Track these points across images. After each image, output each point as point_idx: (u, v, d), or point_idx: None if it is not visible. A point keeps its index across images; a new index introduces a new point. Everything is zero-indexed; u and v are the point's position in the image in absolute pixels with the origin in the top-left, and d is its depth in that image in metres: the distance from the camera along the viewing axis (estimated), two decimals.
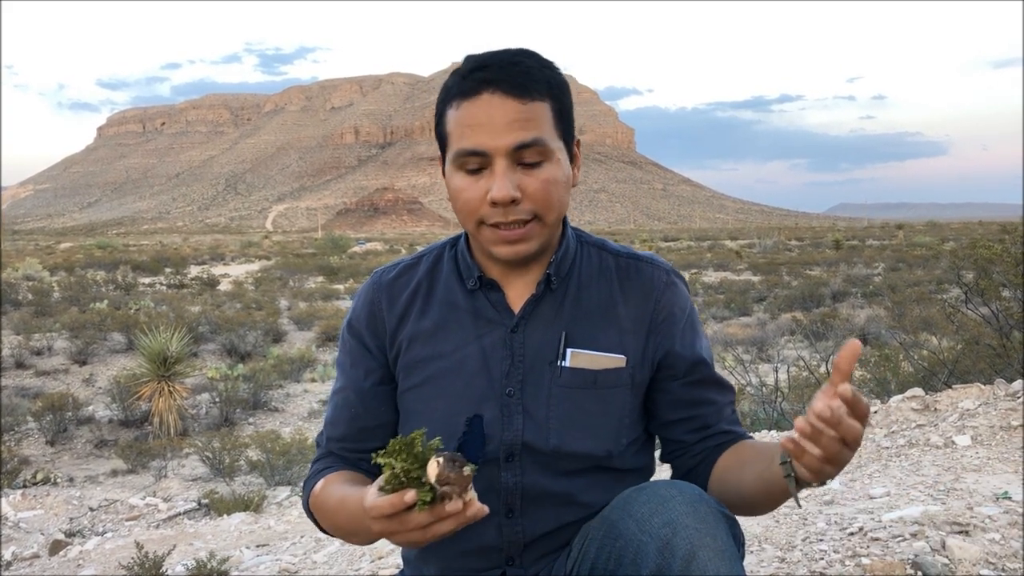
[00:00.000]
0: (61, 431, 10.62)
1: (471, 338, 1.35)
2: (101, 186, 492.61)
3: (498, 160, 1.24)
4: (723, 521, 1.13)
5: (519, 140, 1.23)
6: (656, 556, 1.08)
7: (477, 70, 1.26)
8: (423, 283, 1.41)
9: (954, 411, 4.19)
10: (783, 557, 2.54)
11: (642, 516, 1.12)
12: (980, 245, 6.04)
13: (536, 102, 1.25)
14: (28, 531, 6.22)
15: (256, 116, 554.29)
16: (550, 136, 1.27)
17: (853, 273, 27.13)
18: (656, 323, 1.36)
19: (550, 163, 1.27)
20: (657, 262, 1.41)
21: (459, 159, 1.26)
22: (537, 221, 1.27)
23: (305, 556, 3.97)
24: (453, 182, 1.29)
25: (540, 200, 1.26)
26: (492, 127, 1.23)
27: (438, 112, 1.33)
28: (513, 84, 1.24)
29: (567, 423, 1.31)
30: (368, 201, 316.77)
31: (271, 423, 11.57)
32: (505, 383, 1.32)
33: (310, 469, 1.44)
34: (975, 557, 2.36)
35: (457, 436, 1.31)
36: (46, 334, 15.55)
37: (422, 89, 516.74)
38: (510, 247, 1.27)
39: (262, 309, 20.30)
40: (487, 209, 1.25)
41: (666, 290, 1.38)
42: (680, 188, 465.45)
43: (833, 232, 76.65)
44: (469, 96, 1.26)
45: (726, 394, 1.43)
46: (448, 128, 1.29)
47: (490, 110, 1.24)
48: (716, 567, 1.06)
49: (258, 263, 43.68)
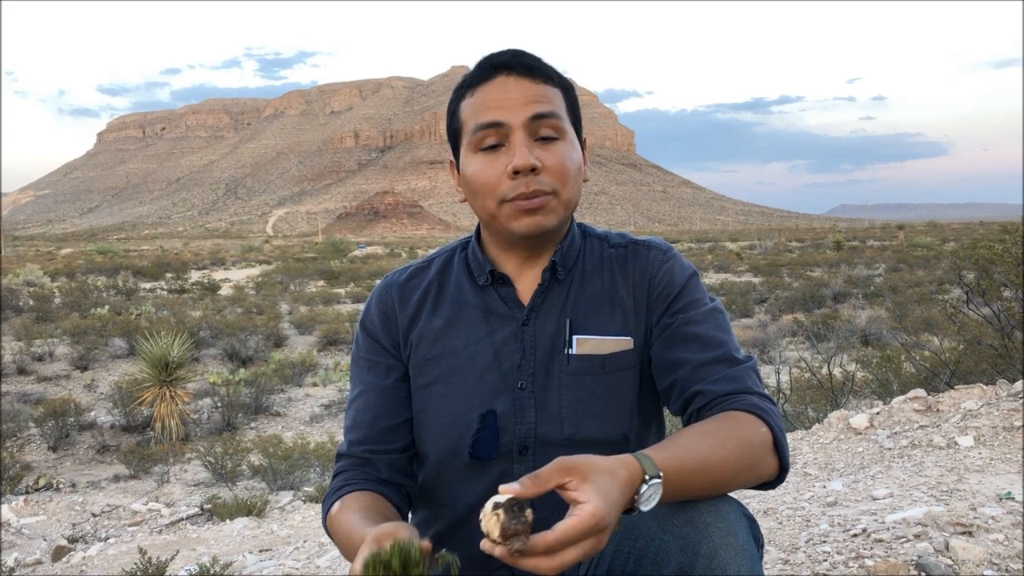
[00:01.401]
0: (63, 437, 10.63)
1: (482, 334, 1.36)
2: (101, 191, 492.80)
3: (516, 132, 1.26)
4: (744, 520, 1.13)
5: (536, 111, 1.27)
6: (678, 555, 1.07)
7: (488, 60, 1.32)
8: (434, 283, 1.43)
9: (956, 412, 4.19)
10: (787, 559, 2.54)
11: (663, 515, 1.11)
12: (981, 245, 6.04)
13: (549, 85, 1.31)
14: (31, 537, 6.22)
15: (256, 121, 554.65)
16: (563, 117, 1.31)
17: (854, 274, 27.14)
18: (652, 298, 1.36)
19: (565, 141, 1.30)
20: (654, 243, 1.42)
21: (476, 134, 1.28)
22: (555, 196, 1.29)
23: (308, 561, 3.97)
24: (470, 167, 1.30)
25: (558, 174, 1.28)
26: (509, 102, 1.27)
27: (451, 110, 1.35)
28: (527, 67, 1.30)
29: (579, 411, 1.31)
30: (368, 205, 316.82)
31: (273, 428, 11.57)
32: (517, 376, 1.33)
33: (331, 483, 1.41)
34: (978, 558, 2.36)
35: (471, 433, 1.31)
36: (47, 340, 15.57)
37: (421, 93, 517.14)
38: (530, 217, 1.28)
39: (263, 314, 20.30)
40: (507, 185, 1.27)
41: (662, 267, 1.38)
42: (680, 190, 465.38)
43: (834, 233, 76.63)
44: (484, 81, 1.30)
45: (709, 350, 1.28)
46: (463, 116, 1.32)
47: (506, 89, 1.28)
48: (737, 566, 1.05)
49: (259, 267, 43.69)
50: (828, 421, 4.56)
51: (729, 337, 1.33)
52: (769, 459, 1.20)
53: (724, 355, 1.29)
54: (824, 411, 6.03)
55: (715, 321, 1.33)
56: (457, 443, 1.32)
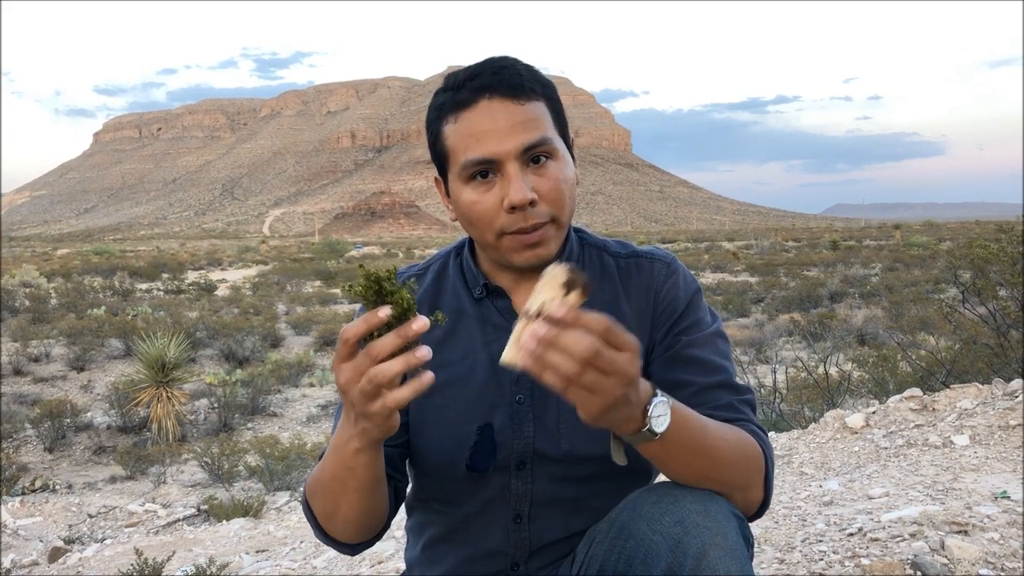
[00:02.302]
0: (59, 438, 10.61)
1: (479, 345, 1.34)
2: (98, 192, 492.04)
3: (509, 164, 1.22)
4: (733, 520, 1.13)
5: (526, 142, 1.22)
6: (668, 555, 1.08)
7: (468, 80, 1.25)
8: (430, 291, 1.40)
9: (952, 411, 4.20)
10: (782, 558, 2.54)
11: (653, 516, 1.12)
12: (977, 245, 6.05)
13: (533, 102, 1.25)
14: (27, 538, 6.21)
15: (252, 121, 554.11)
16: (552, 135, 1.26)
17: (850, 274, 27.17)
18: (657, 315, 1.34)
19: (557, 162, 1.26)
20: (657, 255, 1.39)
21: (468, 170, 1.24)
22: (553, 224, 1.26)
23: (305, 561, 3.97)
24: (463, 197, 1.26)
25: (554, 200, 1.25)
26: (497, 132, 1.22)
27: (432, 132, 1.30)
28: (509, 87, 1.24)
29: (576, 426, 1.28)
30: (365, 205, 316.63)
31: (270, 428, 11.56)
32: (515, 390, 1.31)
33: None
34: (974, 557, 2.37)
35: (468, 445, 1.30)
36: (44, 341, 15.54)
37: (418, 93, 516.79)
38: (531, 251, 1.26)
39: (260, 314, 20.28)
40: (505, 218, 1.24)
41: (666, 282, 1.35)
42: (677, 190, 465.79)
43: (830, 233, 76.73)
44: (466, 106, 1.24)
45: (711, 374, 1.29)
46: (448, 143, 1.27)
47: (492, 115, 1.22)
48: (727, 566, 1.06)
49: (255, 268, 43.63)
50: (824, 420, 4.56)
51: (729, 364, 1.33)
52: (757, 485, 1.21)
53: (725, 381, 1.29)
54: (820, 410, 6.04)
55: (717, 346, 1.33)
56: (454, 455, 1.31)
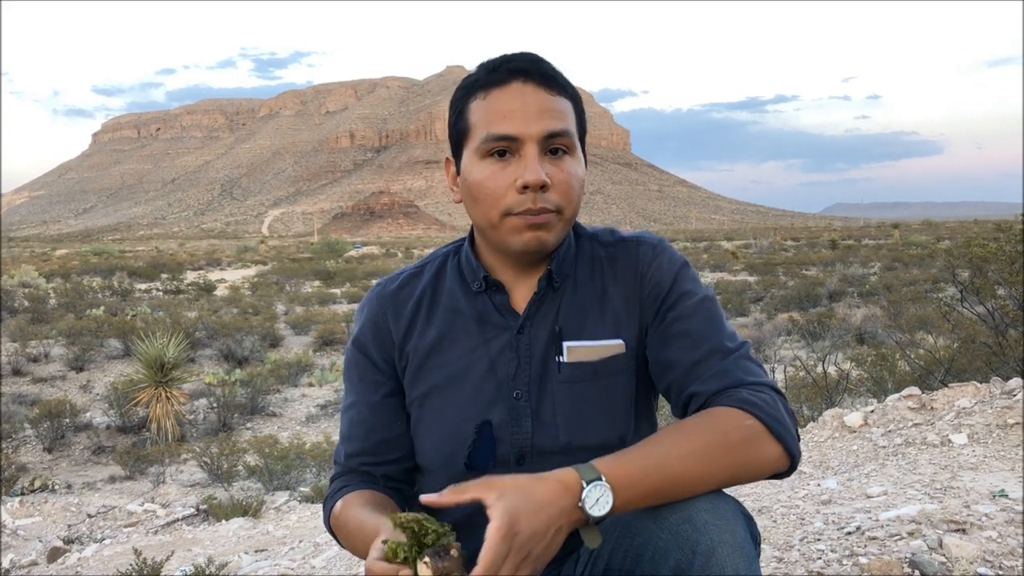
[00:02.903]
0: (59, 438, 10.62)
1: (478, 343, 1.34)
2: (96, 192, 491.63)
3: (529, 145, 1.24)
4: (741, 518, 1.13)
5: (550, 128, 1.25)
6: (676, 553, 1.07)
7: (504, 63, 1.29)
8: (427, 291, 1.41)
9: (951, 410, 4.21)
10: (781, 557, 2.55)
11: (660, 513, 1.11)
12: (975, 244, 6.05)
13: (562, 98, 1.29)
14: (26, 538, 6.21)
15: (251, 121, 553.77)
16: (574, 132, 1.29)
17: (849, 273, 27.17)
18: (644, 296, 1.34)
19: (573, 158, 1.29)
20: (644, 239, 1.39)
21: (487, 144, 1.26)
22: (559, 214, 1.27)
23: (304, 561, 3.97)
24: (476, 172, 1.28)
25: (565, 193, 1.27)
26: (525, 114, 1.25)
27: (457, 107, 1.32)
28: (543, 75, 1.28)
29: (573, 418, 1.30)
30: (364, 205, 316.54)
31: (269, 428, 11.56)
32: (512, 385, 1.32)
33: (329, 487, 1.42)
34: (972, 555, 2.37)
35: (467, 443, 1.31)
36: (43, 341, 15.54)
37: (417, 93, 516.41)
38: (533, 232, 1.26)
39: (259, 314, 20.27)
40: (513, 198, 1.25)
41: (652, 262, 1.35)
42: (676, 189, 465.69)
43: (829, 232, 76.79)
44: (499, 85, 1.27)
45: (699, 346, 1.27)
46: (472, 118, 1.29)
47: (522, 98, 1.25)
48: (735, 564, 1.05)
49: (254, 268, 43.61)
50: (823, 419, 4.57)
51: (719, 327, 1.30)
52: (761, 449, 1.17)
53: (714, 348, 1.27)
54: (819, 409, 6.05)
55: (704, 313, 1.31)
56: (453, 454, 1.32)
